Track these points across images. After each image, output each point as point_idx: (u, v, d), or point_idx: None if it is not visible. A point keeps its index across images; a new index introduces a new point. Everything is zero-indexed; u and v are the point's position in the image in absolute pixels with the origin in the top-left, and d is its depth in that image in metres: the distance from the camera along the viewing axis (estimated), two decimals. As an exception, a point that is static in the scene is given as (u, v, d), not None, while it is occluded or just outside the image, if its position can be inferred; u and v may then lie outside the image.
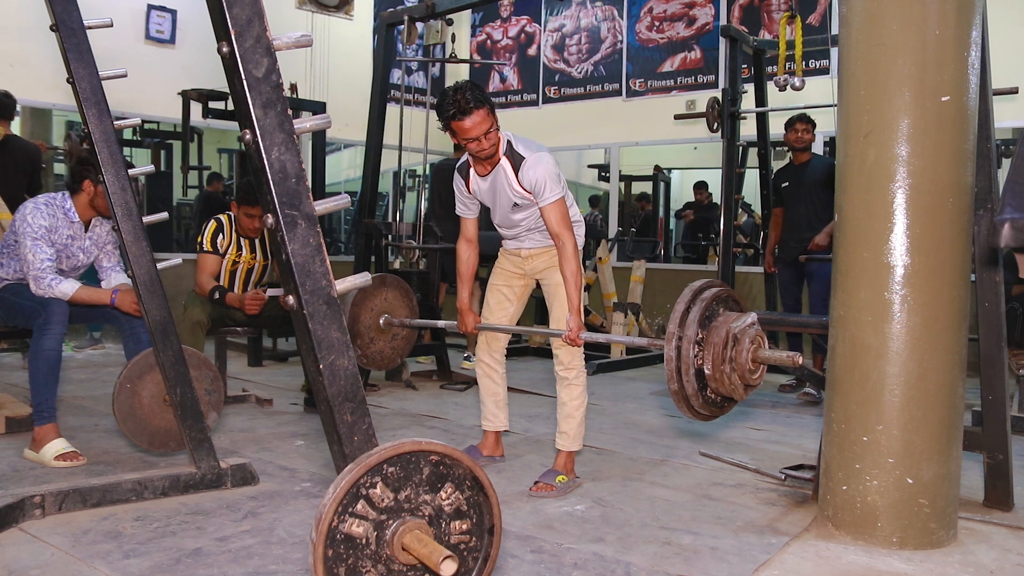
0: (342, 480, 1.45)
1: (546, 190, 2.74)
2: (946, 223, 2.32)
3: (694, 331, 2.27)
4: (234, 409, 4.10)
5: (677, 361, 2.28)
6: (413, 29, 4.80)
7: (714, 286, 2.39)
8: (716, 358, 2.27)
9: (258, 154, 1.55)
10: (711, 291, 2.36)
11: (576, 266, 2.75)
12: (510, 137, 2.82)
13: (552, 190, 2.75)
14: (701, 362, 2.29)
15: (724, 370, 2.27)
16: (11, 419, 3.47)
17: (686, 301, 2.31)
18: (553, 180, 2.76)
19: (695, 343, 2.27)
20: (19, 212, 3.22)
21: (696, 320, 2.28)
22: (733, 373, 2.28)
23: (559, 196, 2.76)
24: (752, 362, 2.29)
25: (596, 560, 2.23)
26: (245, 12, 1.53)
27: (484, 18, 9.35)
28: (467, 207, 3.05)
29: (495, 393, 3.17)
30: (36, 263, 3.13)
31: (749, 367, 2.28)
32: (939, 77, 2.30)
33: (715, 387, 2.32)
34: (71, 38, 2.56)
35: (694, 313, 2.29)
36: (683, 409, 2.34)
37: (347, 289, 1.64)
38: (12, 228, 3.25)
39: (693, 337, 2.27)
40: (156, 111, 6.79)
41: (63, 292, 3.14)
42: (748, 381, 2.32)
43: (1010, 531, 2.51)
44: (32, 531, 2.33)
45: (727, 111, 5.57)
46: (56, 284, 3.13)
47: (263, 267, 4.13)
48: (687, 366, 2.27)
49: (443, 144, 9.05)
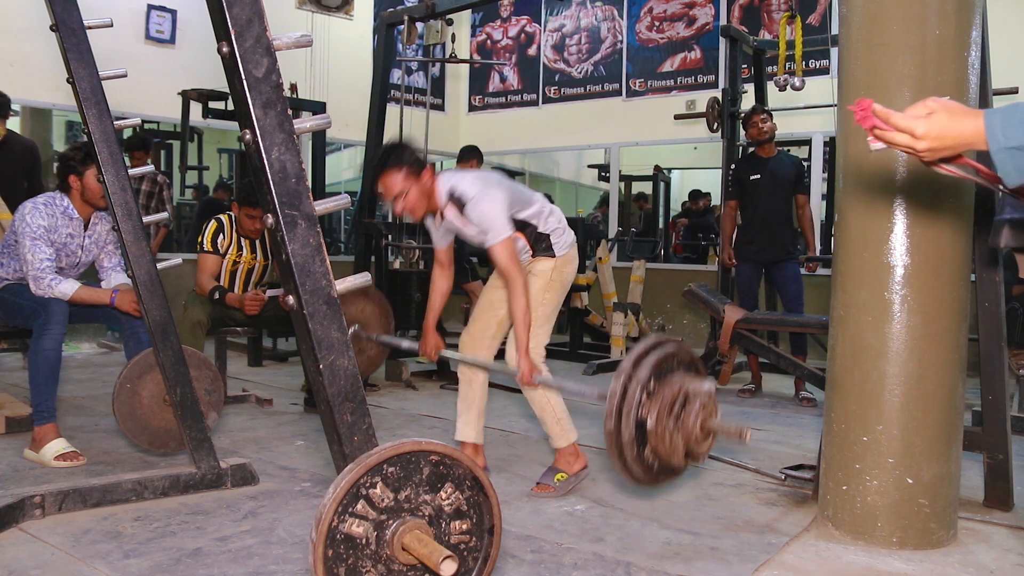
0: (342, 480, 1.45)
1: (490, 232, 2.67)
2: (946, 223, 2.32)
3: (647, 374, 2.07)
4: (234, 409, 4.10)
5: (621, 400, 2.05)
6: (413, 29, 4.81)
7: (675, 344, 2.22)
8: (663, 412, 2.06)
9: (258, 154, 1.55)
10: (671, 347, 2.18)
11: (524, 305, 2.67)
12: (452, 182, 2.75)
13: (496, 232, 2.66)
14: (646, 412, 2.08)
15: (668, 426, 2.06)
16: (11, 419, 3.46)
17: (646, 346, 2.14)
18: (496, 219, 2.67)
19: (644, 389, 2.07)
20: (18, 212, 3.22)
21: (652, 364, 2.09)
22: (677, 433, 2.07)
23: (504, 237, 2.67)
24: (701, 429, 2.08)
25: (596, 560, 2.23)
26: (245, 12, 1.53)
27: (484, 18, 9.35)
28: (438, 237, 2.99)
29: (473, 400, 3.08)
30: (35, 263, 3.12)
31: (697, 434, 2.08)
32: (939, 77, 2.30)
33: (655, 445, 2.09)
34: (71, 38, 2.56)
35: (652, 358, 2.10)
36: (613, 455, 2.09)
37: (347, 289, 1.64)
38: (12, 228, 3.25)
39: (643, 381, 2.06)
40: (156, 111, 6.79)
41: (63, 292, 3.14)
42: (693, 449, 2.10)
43: (1010, 531, 2.51)
44: (32, 531, 2.33)
45: (727, 111, 5.58)
46: (56, 284, 3.13)
47: (263, 267, 4.13)
48: (629, 408, 2.04)
49: (443, 144, 9.08)
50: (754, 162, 4.96)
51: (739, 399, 4.84)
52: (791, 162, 4.87)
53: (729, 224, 5.08)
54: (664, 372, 2.15)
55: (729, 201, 5.09)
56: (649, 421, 2.07)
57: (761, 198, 4.85)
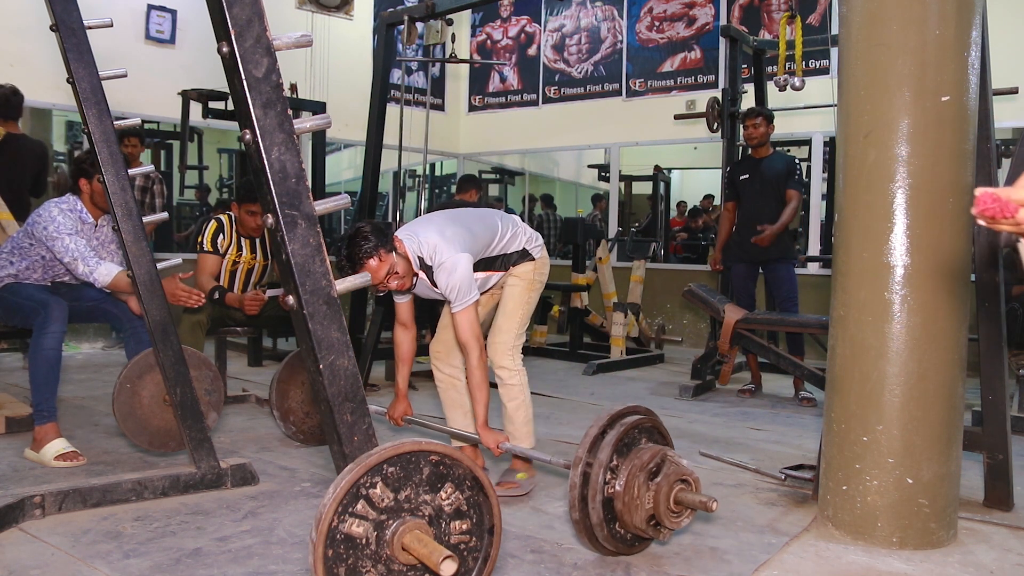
0: (342, 480, 1.45)
1: (457, 300, 2.66)
2: (946, 223, 2.32)
3: (608, 455, 2.11)
4: (234, 409, 4.10)
5: (583, 488, 2.10)
6: (413, 29, 4.80)
7: (637, 413, 2.25)
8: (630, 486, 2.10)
9: (258, 154, 1.56)
10: (632, 418, 2.21)
11: (481, 377, 2.66)
12: (415, 246, 2.71)
13: (462, 298, 2.65)
14: (612, 491, 2.12)
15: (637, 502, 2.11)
16: (11, 419, 3.46)
17: (601, 425, 2.17)
18: (463, 287, 2.65)
19: (607, 469, 2.11)
20: (44, 216, 3.20)
21: (611, 444, 2.12)
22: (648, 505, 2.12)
23: (468, 304, 2.66)
24: (674, 503, 2.12)
25: (596, 560, 2.23)
26: (245, 12, 1.53)
27: (484, 18, 9.35)
28: (399, 295, 2.91)
29: (461, 404, 3.06)
30: (78, 248, 3.14)
31: (671, 507, 2.13)
32: (939, 77, 2.30)
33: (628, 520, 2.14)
34: (71, 38, 2.56)
35: (610, 436, 2.14)
36: (584, 538, 2.16)
37: (347, 289, 1.64)
38: (29, 231, 3.25)
39: (606, 462, 2.10)
40: (156, 111, 6.79)
41: (108, 271, 3.11)
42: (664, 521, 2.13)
43: (1010, 531, 2.51)
44: (32, 531, 2.33)
45: (727, 111, 5.58)
46: (99, 265, 3.13)
47: (263, 267, 4.13)
48: (594, 492, 2.09)
49: (443, 144, 9.08)
50: (747, 163, 5.00)
51: (739, 399, 4.84)
52: (783, 161, 4.87)
53: (725, 226, 5.11)
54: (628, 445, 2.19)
55: (727, 203, 5.11)
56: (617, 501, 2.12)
57: (750, 198, 4.89)
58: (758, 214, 4.82)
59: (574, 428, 3.92)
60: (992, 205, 1.06)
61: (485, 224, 2.88)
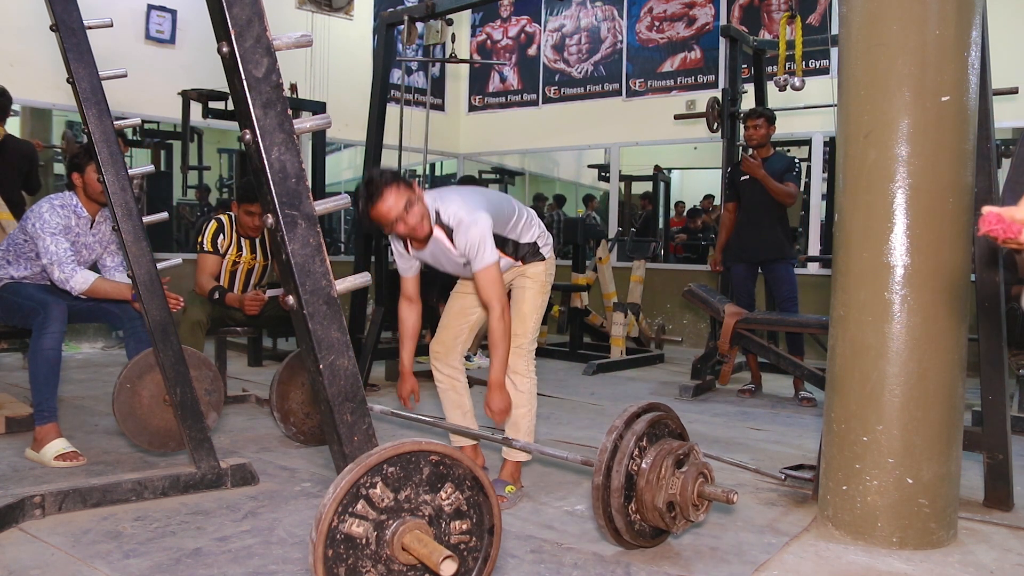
0: (342, 480, 1.45)
1: (478, 257, 2.61)
2: (946, 223, 2.32)
3: (643, 427, 2.18)
4: (234, 409, 4.10)
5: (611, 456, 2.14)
6: (413, 29, 4.80)
7: (664, 411, 2.30)
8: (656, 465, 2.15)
9: (258, 154, 1.56)
10: (656, 413, 2.27)
11: (503, 331, 2.61)
12: (437, 205, 2.67)
13: (483, 257, 2.61)
14: (636, 469, 2.17)
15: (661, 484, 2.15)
16: (11, 419, 3.47)
17: (641, 406, 2.24)
18: (485, 246, 2.61)
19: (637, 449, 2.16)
20: (35, 211, 3.23)
21: (647, 421, 2.19)
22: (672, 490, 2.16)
23: (490, 262, 2.62)
24: (697, 496, 2.18)
25: (596, 560, 2.23)
26: (245, 12, 1.54)
27: (484, 18, 9.35)
28: (407, 265, 2.85)
29: (461, 404, 3.01)
30: (57, 252, 3.17)
31: (694, 501, 2.17)
32: (939, 77, 2.30)
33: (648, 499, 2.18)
34: (71, 38, 2.56)
35: (645, 417, 2.22)
36: (599, 512, 2.16)
37: (347, 289, 1.64)
38: (23, 227, 3.27)
39: (641, 432, 2.16)
40: (156, 111, 6.79)
41: (84, 279, 3.17)
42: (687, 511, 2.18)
43: (1010, 531, 2.51)
44: (32, 531, 2.33)
45: (727, 111, 5.58)
46: (74, 273, 3.17)
47: (263, 267, 4.13)
48: (622, 455, 2.14)
49: (443, 144, 9.08)
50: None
51: (739, 399, 4.84)
52: (782, 160, 4.87)
53: (725, 227, 5.10)
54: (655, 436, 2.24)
55: (728, 204, 5.10)
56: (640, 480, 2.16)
57: (749, 198, 4.87)
58: (758, 215, 4.81)
59: (574, 428, 3.92)
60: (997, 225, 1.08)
61: (504, 201, 2.87)
